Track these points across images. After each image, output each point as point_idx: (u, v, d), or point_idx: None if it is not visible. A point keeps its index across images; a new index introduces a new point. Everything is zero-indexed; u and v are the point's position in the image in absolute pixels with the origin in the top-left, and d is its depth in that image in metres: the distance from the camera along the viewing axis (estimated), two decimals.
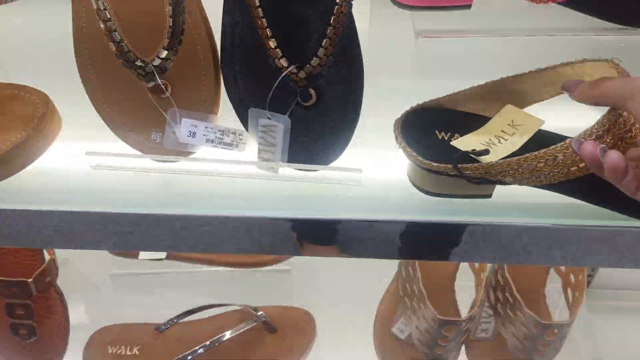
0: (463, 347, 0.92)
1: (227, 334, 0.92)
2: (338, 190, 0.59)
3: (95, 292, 1.04)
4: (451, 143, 0.56)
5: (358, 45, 0.56)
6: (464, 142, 0.56)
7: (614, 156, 0.45)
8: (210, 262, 1.01)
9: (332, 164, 0.59)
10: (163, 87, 0.55)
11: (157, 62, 0.54)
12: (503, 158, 0.52)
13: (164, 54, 0.54)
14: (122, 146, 0.61)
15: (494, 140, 0.55)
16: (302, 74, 0.53)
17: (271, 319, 0.96)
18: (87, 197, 0.59)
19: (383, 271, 0.98)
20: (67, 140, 0.63)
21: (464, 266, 0.94)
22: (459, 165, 0.53)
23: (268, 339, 0.96)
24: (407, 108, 0.60)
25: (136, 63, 0.54)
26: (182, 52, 0.56)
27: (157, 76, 0.54)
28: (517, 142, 0.54)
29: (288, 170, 0.59)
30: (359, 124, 0.59)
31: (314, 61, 0.53)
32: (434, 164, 0.54)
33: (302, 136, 0.58)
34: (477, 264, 0.89)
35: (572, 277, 0.87)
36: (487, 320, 0.91)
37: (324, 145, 0.59)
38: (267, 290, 1.03)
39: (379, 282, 0.98)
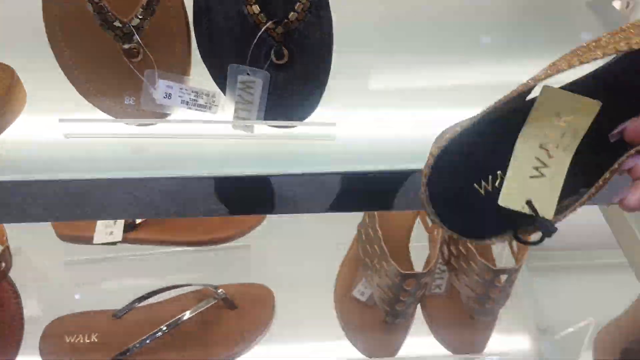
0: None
1: (187, 314, 0.92)
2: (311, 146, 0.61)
3: (49, 282, 1.01)
4: (500, 203, 0.45)
5: (327, 3, 0.59)
6: (512, 191, 0.45)
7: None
8: (167, 243, 1.01)
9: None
10: (141, 47, 0.56)
11: (135, 22, 0.55)
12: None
13: (142, 13, 0.55)
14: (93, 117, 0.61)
15: (543, 157, 0.43)
16: (279, 30, 0.56)
17: (231, 296, 0.96)
18: (60, 167, 0.59)
19: (340, 239, 1.02)
20: (36, 114, 0.62)
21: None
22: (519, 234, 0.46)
23: (228, 316, 0.97)
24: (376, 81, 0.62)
25: (114, 24, 0.54)
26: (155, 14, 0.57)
27: (136, 36, 0.55)
28: (571, 145, 0.43)
29: (263, 129, 0.61)
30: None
31: (292, 15, 0.55)
32: (494, 239, 0.47)
33: (275, 96, 0.60)
34: (430, 223, 0.94)
35: None
36: (440, 277, 0.97)
37: (296, 103, 0.61)
38: (227, 267, 1.04)
39: (336, 250, 1.02)
